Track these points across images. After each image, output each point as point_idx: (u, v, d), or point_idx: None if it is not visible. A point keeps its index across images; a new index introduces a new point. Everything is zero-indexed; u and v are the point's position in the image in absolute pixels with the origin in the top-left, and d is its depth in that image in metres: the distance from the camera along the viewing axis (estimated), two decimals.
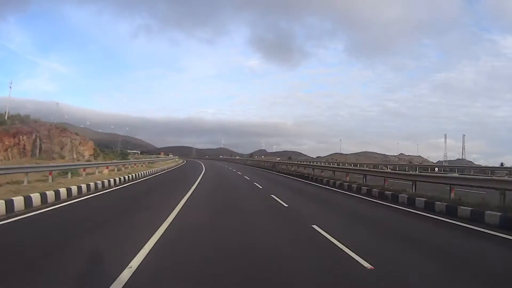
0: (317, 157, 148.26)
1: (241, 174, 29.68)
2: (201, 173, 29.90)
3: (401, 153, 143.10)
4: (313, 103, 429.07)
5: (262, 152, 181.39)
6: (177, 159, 71.13)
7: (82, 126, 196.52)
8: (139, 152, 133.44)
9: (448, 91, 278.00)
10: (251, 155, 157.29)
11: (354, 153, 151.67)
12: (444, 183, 12.50)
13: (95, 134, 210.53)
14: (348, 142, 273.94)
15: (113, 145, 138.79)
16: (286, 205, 11.54)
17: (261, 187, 18.29)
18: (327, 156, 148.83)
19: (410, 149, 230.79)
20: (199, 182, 19.99)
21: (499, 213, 8.31)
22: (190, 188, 16.17)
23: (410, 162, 78.37)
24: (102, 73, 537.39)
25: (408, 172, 22.22)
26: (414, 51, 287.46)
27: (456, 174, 19.36)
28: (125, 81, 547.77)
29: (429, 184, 13.69)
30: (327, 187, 20.00)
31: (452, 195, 11.33)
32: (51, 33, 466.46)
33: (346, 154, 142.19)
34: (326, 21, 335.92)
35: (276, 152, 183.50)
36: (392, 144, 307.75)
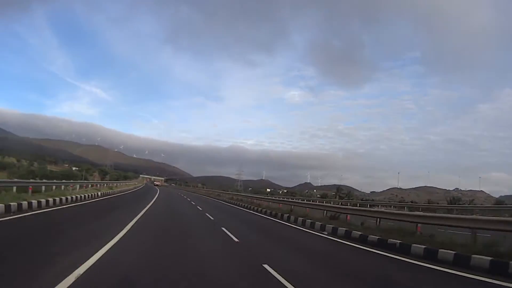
0: (371, 192, 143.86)
1: None
2: None
3: (456, 188, 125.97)
4: (353, 135, 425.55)
5: (307, 186, 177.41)
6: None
7: (116, 150, 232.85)
8: (163, 178, 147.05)
9: (491, 123, 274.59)
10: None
11: (413, 188, 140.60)
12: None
13: (129, 158, 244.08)
14: (394, 177, 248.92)
15: (145, 170, 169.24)
16: None
17: None
18: (384, 191, 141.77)
19: (462, 184, 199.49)
20: None
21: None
22: None
23: None
24: (141, 99, 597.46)
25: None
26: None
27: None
28: (164, 108, 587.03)
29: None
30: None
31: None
32: (93, 59, 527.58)
33: (405, 189, 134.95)
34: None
35: (323, 186, 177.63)
36: (440, 178, 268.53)
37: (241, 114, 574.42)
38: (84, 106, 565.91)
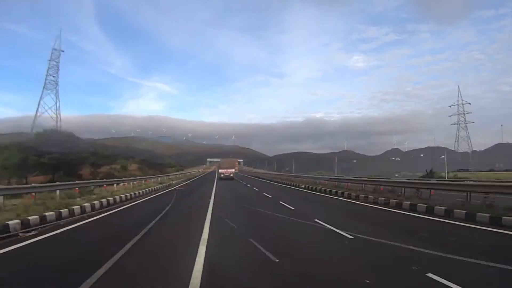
0: (473, 151, 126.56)
1: None
2: None
3: None
4: (423, 96, 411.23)
5: (395, 152, 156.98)
6: None
7: (184, 138, 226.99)
8: (241, 160, 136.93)
9: None
10: None
11: None
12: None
13: (198, 146, 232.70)
14: (474, 136, 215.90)
15: (217, 156, 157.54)
16: None
17: None
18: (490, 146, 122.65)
19: None
20: None
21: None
22: None
23: None
24: (205, 86, 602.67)
25: None
26: None
27: None
28: (229, 92, 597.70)
29: None
30: None
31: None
32: (151, 54, 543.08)
33: None
34: None
35: (413, 150, 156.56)
36: None
37: (306, 87, 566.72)
38: (149, 102, 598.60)
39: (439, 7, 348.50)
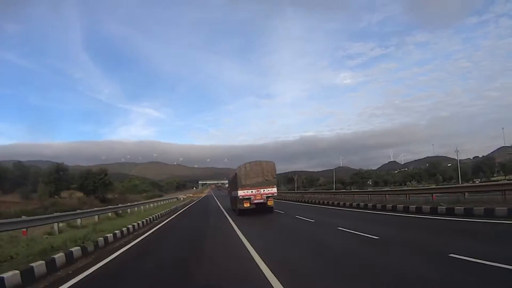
0: (474, 157, 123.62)
1: None
2: None
3: None
4: (412, 108, 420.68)
5: (392, 165, 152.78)
6: None
7: (175, 163, 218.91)
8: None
9: None
10: None
11: None
12: None
13: (190, 169, 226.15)
14: (472, 141, 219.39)
15: (210, 178, 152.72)
16: None
17: None
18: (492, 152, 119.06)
19: None
20: None
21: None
22: None
23: None
24: (195, 111, 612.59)
25: None
26: None
27: None
28: (219, 116, 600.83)
29: None
30: None
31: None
32: (140, 80, 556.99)
33: None
34: None
35: (411, 162, 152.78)
36: None
37: (296, 107, 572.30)
38: (139, 128, 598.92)
39: (423, 18, 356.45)
